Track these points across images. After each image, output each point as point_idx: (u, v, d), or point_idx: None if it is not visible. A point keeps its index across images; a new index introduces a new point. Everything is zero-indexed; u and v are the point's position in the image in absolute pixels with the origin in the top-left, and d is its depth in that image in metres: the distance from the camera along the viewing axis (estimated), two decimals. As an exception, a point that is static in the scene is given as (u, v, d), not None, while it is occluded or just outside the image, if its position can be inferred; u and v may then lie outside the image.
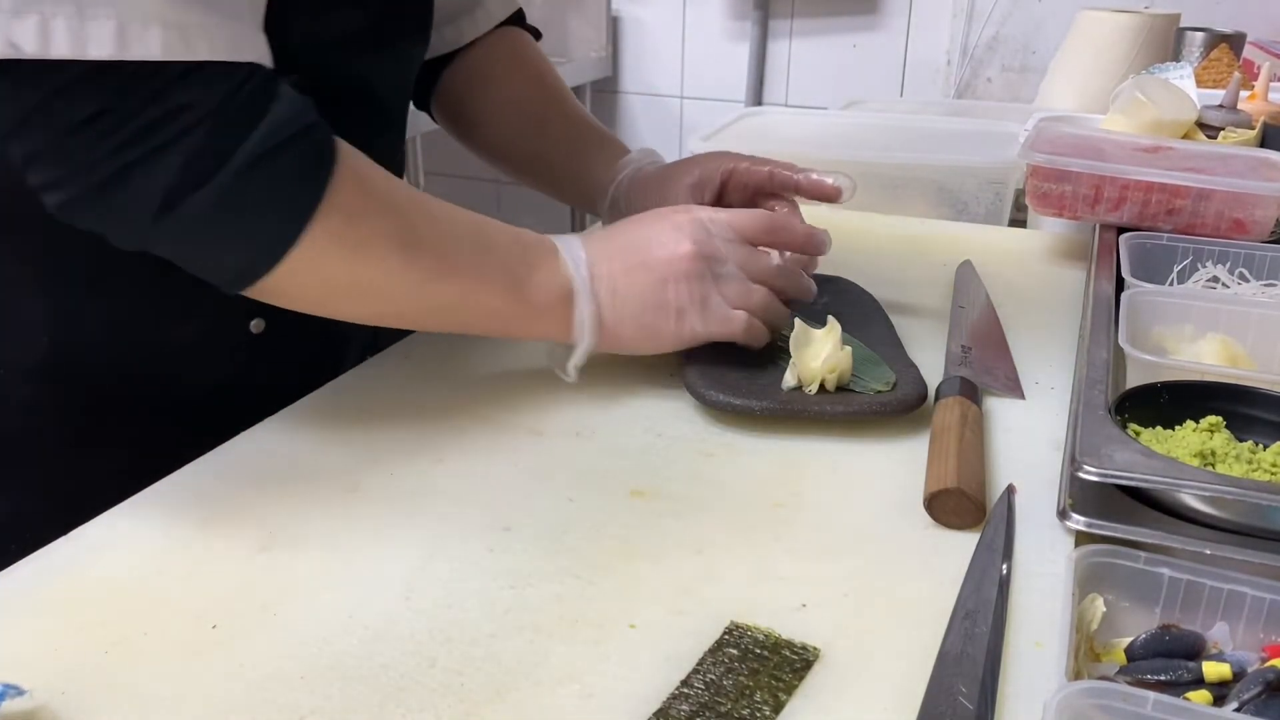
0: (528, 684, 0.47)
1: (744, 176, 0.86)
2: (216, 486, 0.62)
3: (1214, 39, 1.64)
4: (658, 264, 0.69)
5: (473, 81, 0.94)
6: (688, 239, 0.70)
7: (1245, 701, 0.44)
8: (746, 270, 0.72)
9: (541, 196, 1.02)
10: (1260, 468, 0.57)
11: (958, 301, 0.89)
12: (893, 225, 1.13)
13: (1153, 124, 1.08)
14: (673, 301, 0.70)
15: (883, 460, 0.66)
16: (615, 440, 0.68)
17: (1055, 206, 0.96)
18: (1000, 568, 0.54)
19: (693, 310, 0.70)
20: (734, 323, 0.71)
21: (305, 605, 0.52)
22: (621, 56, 2.59)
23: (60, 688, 0.46)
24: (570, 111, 0.95)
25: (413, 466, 0.65)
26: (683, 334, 0.71)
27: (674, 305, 0.70)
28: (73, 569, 0.55)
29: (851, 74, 2.38)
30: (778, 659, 0.48)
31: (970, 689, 0.46)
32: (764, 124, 1.42)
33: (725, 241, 0.71)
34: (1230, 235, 0.90)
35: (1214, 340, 0.73)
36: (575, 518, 0.60)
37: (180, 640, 0.49)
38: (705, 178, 0.85)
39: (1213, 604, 0.49)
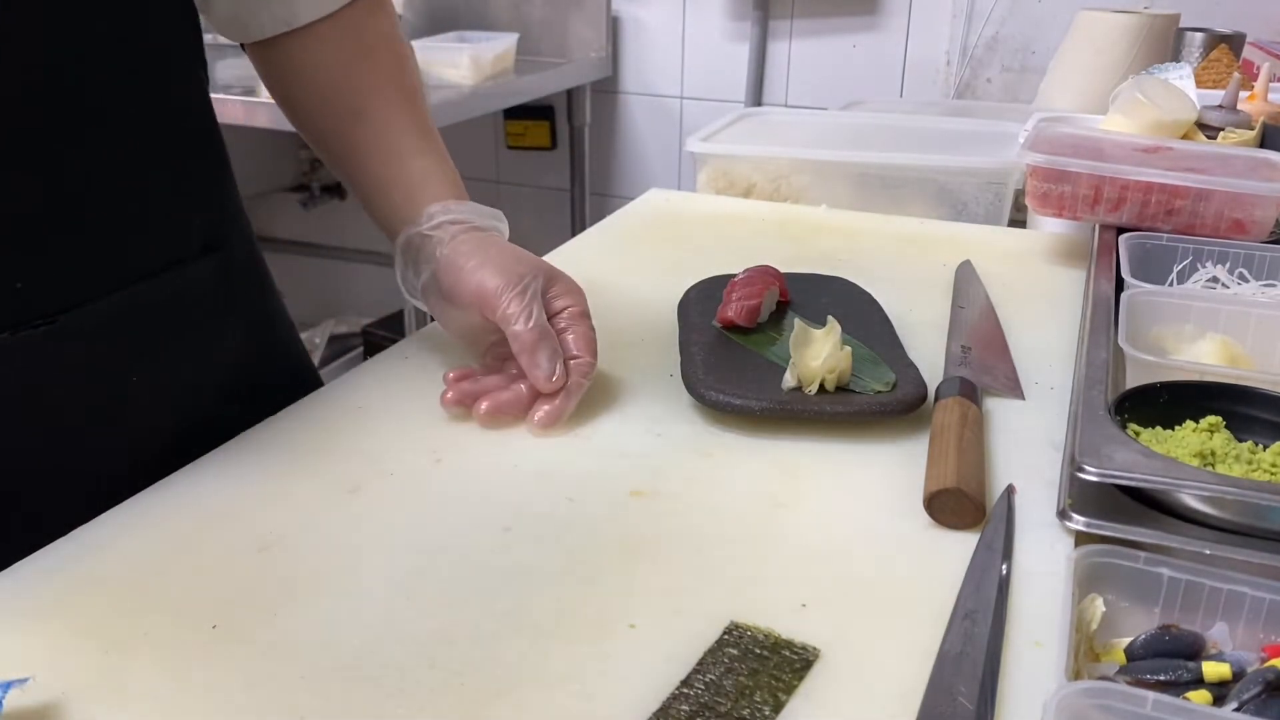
0: (528, 684, 0.47)
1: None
2: (216, 486, 0.62)
3: (1213, 39, 1.64)
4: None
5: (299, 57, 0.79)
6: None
7: (1245, 701, 0.44)
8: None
9: (542, 197, 0.99)
10: (1260, 468, 0.57)
11: (958, 301, 0.89)
12: (893, 225, 1.13)
13: (1152, 124, 1.08)
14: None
15: (883, 460, 0.66)
16: (615, 440, 0.68)
17: (1055, 207, 0.96)
18: (1000, 568, 0.54)
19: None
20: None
21: (305, 605, 0.52)
22: (621, 57, 2.59)
23: (60, 688, 0.46)
24: (389, 114, 0.79)
25: (413, 466, 0.65)
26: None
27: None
28: (73, 569, 0.55)
29: (851, 74, 2.38)
30: (778, 659, 0.48)
31: (970, 689, 0.46)
32: (764, 124, 1.43)
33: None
34: (1230, 235, 0.90)
35: (1214, 340, 0.73)
36: (575, 518, 0.60)
37: (180, 640, 0.49)
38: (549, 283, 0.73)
39: (1212, 604, 0.49)
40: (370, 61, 0.79)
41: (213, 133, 0.76)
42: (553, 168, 2.69)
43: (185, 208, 0.71)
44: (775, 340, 0.77)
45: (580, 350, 0.71)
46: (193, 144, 0.73)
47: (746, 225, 1.12)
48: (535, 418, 0.69)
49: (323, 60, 0.78)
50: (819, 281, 0.89)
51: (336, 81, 0.78)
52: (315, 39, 0.77)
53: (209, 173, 0.75)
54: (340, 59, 0.78)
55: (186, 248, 0.71)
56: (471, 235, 0.73)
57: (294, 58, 0.78)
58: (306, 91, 0.79)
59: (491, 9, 2.57)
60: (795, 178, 1.24)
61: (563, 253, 1.04)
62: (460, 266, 0.71)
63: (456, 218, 0.74)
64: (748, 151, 1.27)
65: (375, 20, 0.79)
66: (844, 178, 1.24)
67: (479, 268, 0.70)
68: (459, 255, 0.71)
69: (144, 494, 0.61)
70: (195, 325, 0.72)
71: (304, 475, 0.64)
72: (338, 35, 0.77)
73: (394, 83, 0.79)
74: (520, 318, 0.68)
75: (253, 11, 0.75)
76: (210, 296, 0.73)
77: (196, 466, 0.64)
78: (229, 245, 0.75)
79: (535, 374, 0.68)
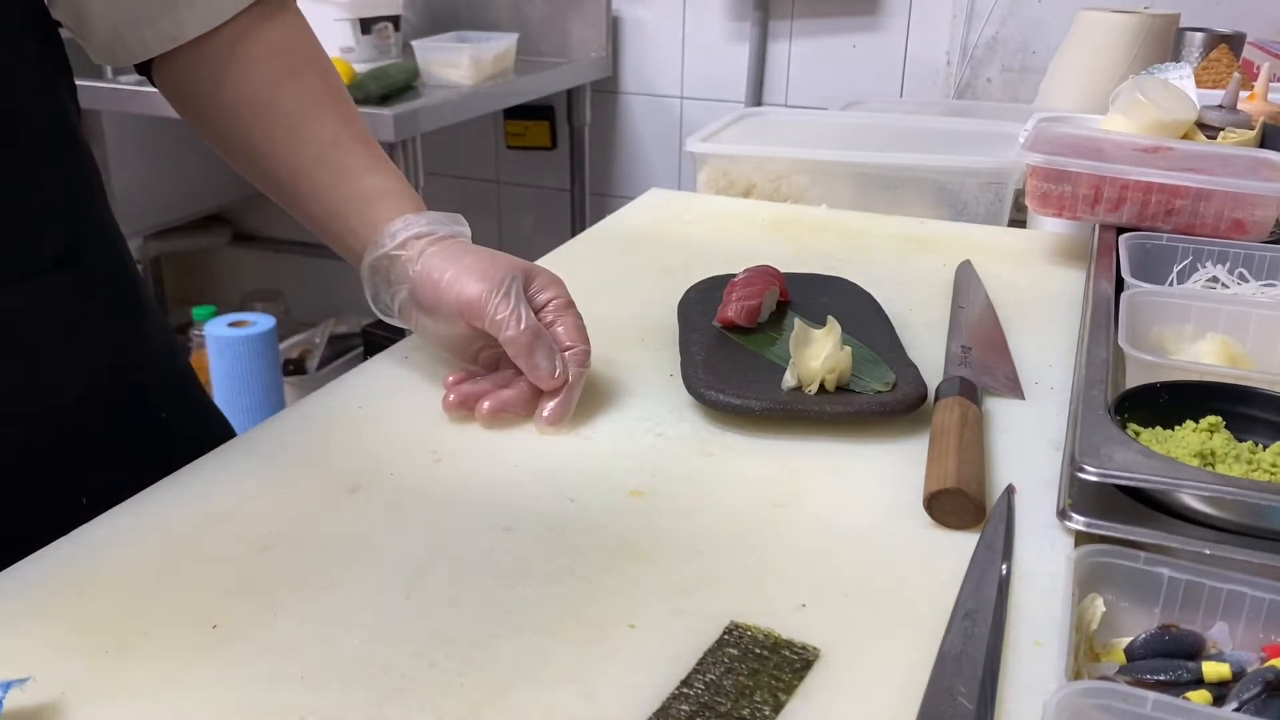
0: (528, 684, 0.47)
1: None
2: (217, 486, 0.62)
3: (1213, 39, 1.64)
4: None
5: (204, 74, 0.75)
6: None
7: (1245, 701, 0.44)
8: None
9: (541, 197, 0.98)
10: (1260, 468, 0.57)
11: (958, 301, 0.89)
12: (893, 225, 1.13)
13: (1152, 124, 1.08)
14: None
15: (883, 460, 0.66)
16: (615, 440, 0.68)
17: (1055, 207, 0.96)
18: (1000, 568, 0.54)
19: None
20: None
21: (305, 605, 0.52)
22: (621, 57, 2.59)
23: (60, 688, 0.46)
24: (328, 132, 0.76)
25: (413, 466, 0.65)
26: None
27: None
28: (73, 569, 0.55)
29: (851, 74, 2.38)
30: (777, 659, 0.48)
31: (970, 689, 0.46)
32: (764, 124, 1.43)
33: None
34: (1230, 235, 0.90)
35: (1214, 340, 0.73)
36: (575, 518, 0.60)
37: (180, 640, 0.49)
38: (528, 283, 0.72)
39: (1212, 604, 0.49)
40: (298, 80, 0.76)
41: (73, 144, 0.72)
42: (553, 168, 2.69)
43: (36, 221, 0.68)
44: (775, 340, 0.77)
45: (573, 340, 0.71)
46: (47, 156, 0.70)
47: (746, 225, 1.12)
48: (543, 415, 0.69)
49: (241, 78, 0.74)
50: (819, 281, 0.89)
51: (266, 100, 0.75)
52: (220, 56, 0.73)
53: (66, 186, 0.72)
54: (265, 81, 0.75)
55: (36, 262, 0.68)
56: (440, 246, 0.72)
57: (199, 79, 0.75)
58: (224, 113, 0.76)
59: (491, 9, 2.57)
60: (795, 178, 1.24)
61: (563, 253, 1.04)
62: (437, 281, 0.70)
63: (420, 231, 0.72)
64: (748, 151, 1.27)
65: (284, 32, 0.76)
66: (844, 178, 1.24)
67: (456, 279, 0.70)
68: (433, 270, 0.70)
69: (144, 494, 0.61)
70: (44, 341, 0.69)
71: (304, 475, 0.64)
72: (260, 51, 0.74)
73: (326, 97, 0.76)
74: (510, 322, 0.68)
75: (134, 27, 0.72)
76: (65, 310, 0.70)
77: (196, 466, 0.64)
78: (89, 260, 0.72)
79: (536, 375, 0.68)
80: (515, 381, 0.71)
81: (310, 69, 0.77)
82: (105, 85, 2.13)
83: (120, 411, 0.74)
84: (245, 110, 0.75)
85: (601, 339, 0.72)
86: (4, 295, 0.66)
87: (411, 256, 0.71)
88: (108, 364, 0.74)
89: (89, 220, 0.74)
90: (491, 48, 2.27)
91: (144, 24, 0.72)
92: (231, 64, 0.74)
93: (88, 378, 0.72)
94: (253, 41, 0.74)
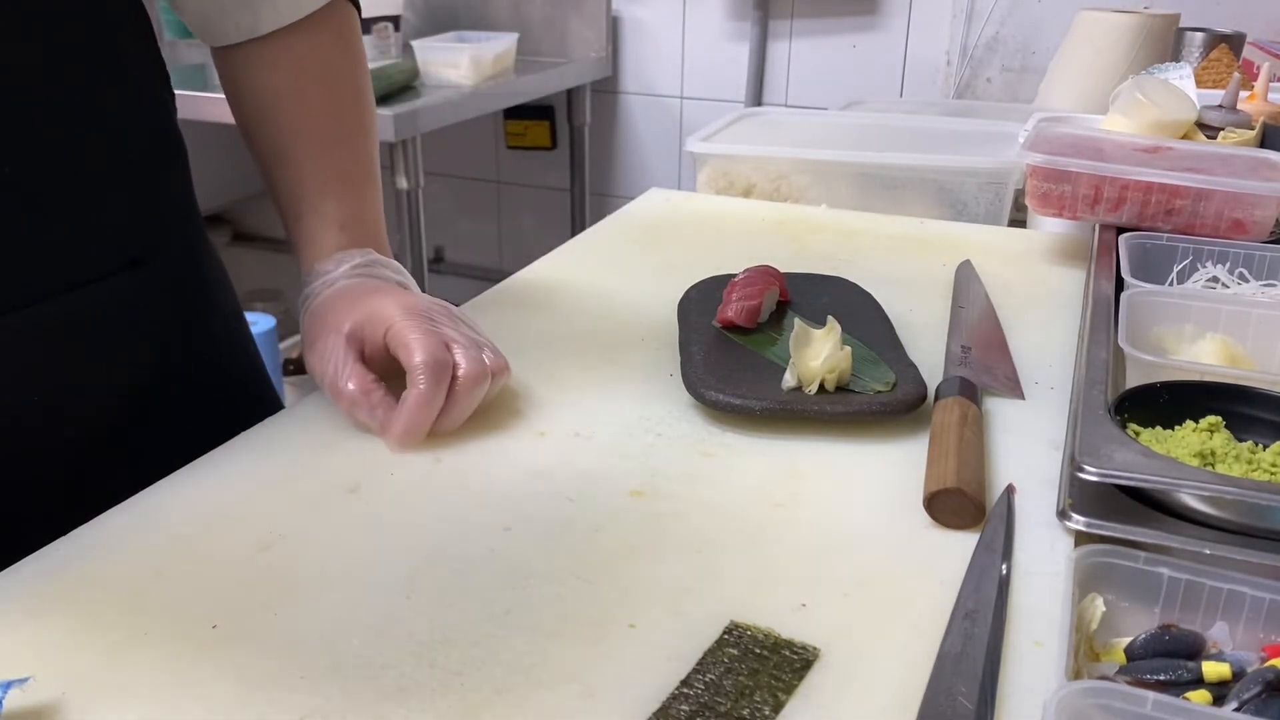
0: (528, 684, 0.47)
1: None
2: (216, 486, 0.62)
3: (1213, 39, 1.64)
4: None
5: (231, 74, 0.79)
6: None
7: (1245, 701, 0.44)
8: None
9: (541, 197, 0.99)
10: (1260, 468, 0.57)
11: (958, 301, 0.89)
12: (893, 225, 1.13)
13: (1152, 124, 1.08)
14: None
15: (883, 460, 0.66)
16: (615, 440, 0.68)
17: (1055, 206, 0.96)
18: (1000, 568, 0.54)
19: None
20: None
21: (305, 605, 0.52)
22: (621, 56, 2.59)
23: (60, 688, 0.46)
24: (304, 159, 0.77)
25: (413, 466, 0.65)
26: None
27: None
28: (73, 569, 0.55)
29: (851, 74, 2.38)
30: (777, 659, 0.48)
31: (970, 689, 0.46)
32: (763, 124, 1.43)
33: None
34: (1230, 235, 0.90)
35: (1214, 340, 0.73)
36: (575, 518, 0.60)
37: (180, 640, 0.49)
38: (361, 330, 0.69)
39: (1212, 604, 0.49)
40: (299, 98, 0.77)
41: (171, 148, 0.76)
42: (553, 168, 2.69)
43: (129, 222, 0.71)
44: (775, 340, 0.77)
45: (405, 361, 0.66)
46: (151, 166, 0.73)
47: (746, 225, 1.12)
48: (391, 431, 0.66)
49: (261, 92, 0.77)
50: (819, 281, 0.89)
51: (269, 118, 0.77)
52: (262, 60, 0.76)
53: (165, 189, 0.75)
54: (274, 93, 0.77)
55: (107, 265, 0.70)
56: (317, 307, 0.72)
57: (228, 78, 0.79)
58: (242, 117, 0.79)
59: (491, 9, 2.57)
60: (795, 178, 1.24)
61: (563, 252, 1.04)
62: (307, 349, 0.71)
63: (306, 292, 0.74)
64: (748, 151, 1.27)
65: (322, 51, 0.78)
66: (844, 178, 1.24)
67: (309, 351, 0.71)
68: (305, 333, 0.73)
69: (144, 494, 0.61)
70: (111, 340, 0.70)
71: (304, 475, 0.64)
72: (280, 62, 0.76)
73: (320, 125, 0.77)
74: (337, 398, 0.68)
75: (222, 14, 0.75)
76: (131, 310, 0.71)
77: (196, 466, 0.64)
78: (162, 261, 0.74)
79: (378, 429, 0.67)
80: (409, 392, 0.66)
81: (317, 87, 0.77)
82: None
83: (168, 412, 0.75)
84: (255, 120, 0.78)
85: (601, 339, 0.72)
86: (73, 299, 0.67)
87: (303, 316, 0.74)
88: (171, 365, 0.75)
89: (172, 219, 0.77)
90: (491, 48, 2.27)
91: (227, 15, 0.75)
92: (260, 69, 0.77)
93: (152, 377, 0.74)
94: (281, 50, 0.76)
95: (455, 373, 0.66)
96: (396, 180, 2.05)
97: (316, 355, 0.69)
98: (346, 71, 0.79)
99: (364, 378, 0.67)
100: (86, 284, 0.68)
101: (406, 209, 2.07)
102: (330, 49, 0.78)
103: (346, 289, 0.72)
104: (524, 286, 0.95)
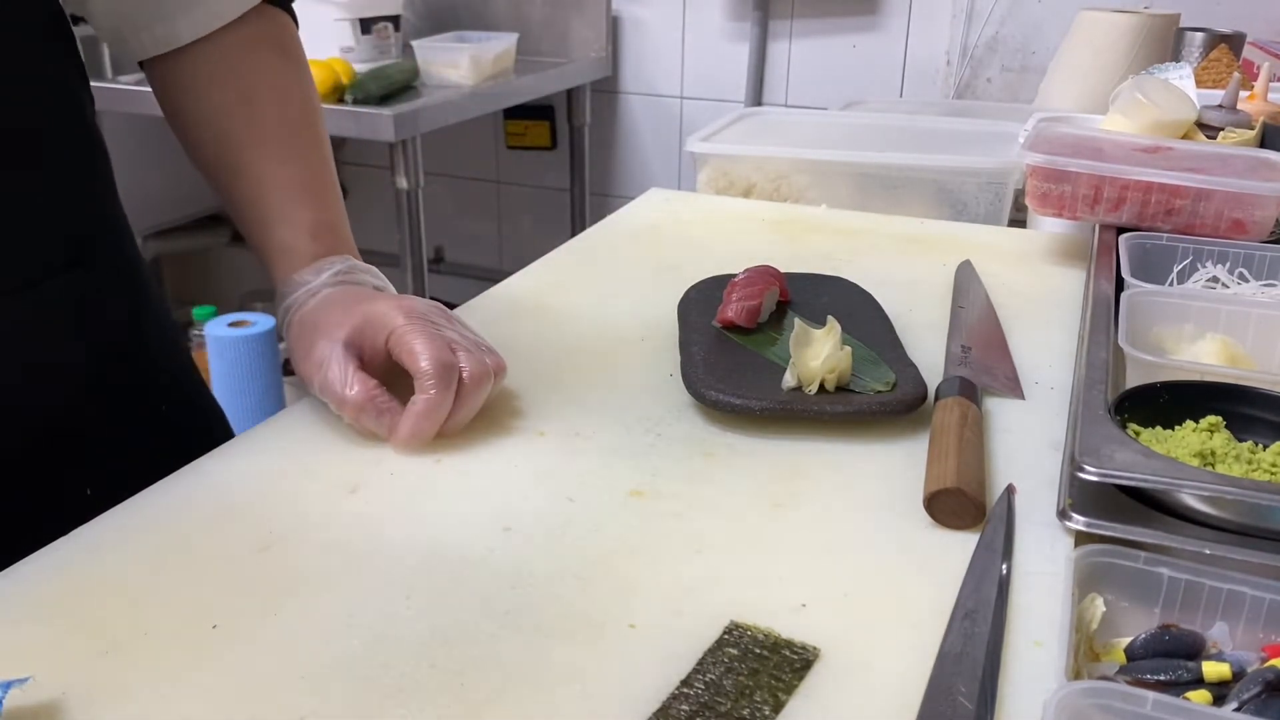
0: (528, 684, 0.47)
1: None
2: (217, 486, 0.62)
3: (1213, 39, 1.64)
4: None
5: (175, 86, 0.78)
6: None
7: (1245, 701, 0.44)
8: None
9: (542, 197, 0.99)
10: (1260, 468, 0.57)
11: (958, 301, 0.89)
12: (893, 225, 1.13)
13: (1152, 124, 1.08)
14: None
15: (883, 460, 0.66)
16: (615, 440, 0.68)
17: (1055, 207, 0.96)
18: (1000, 568, 0.54)
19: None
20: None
21: (305, 605, 0.52)
22: (621, 56, 2.59)
23: (60, 688, 0.46)
24: (265, 170, 0.76)
25: (413, 466, 0.65)
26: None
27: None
28: (73, 569, 0.55)
29: (851, 74, 2.38)
30: (777, 659, 0.48)
31: (970, 689, 0.46)
32: (764, 124, 1.43)
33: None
34: (1230, 235, 0.90)
35: (1214, 340, 0.73)
36: (575, 518, 0.60)
37: (180, 640, 0.49)
38: (360, 336, 0.69)
39: (1212, 604, 0.49)
40: (250, 108, 0.76)
41: (91, 149, 0.74)
42: (553, 168, 2.69)
43: (51, 229, 0.70)
44: (775, 340, 0.77)
45: (411, 366, 0.65)
46: (66, 167, 0.71)
47: (746, 225, 1.12)
48: (397, 434, 0.65)
49: (204, 103, 0.76)
50: (819, 281, 0.89)
51: (217, 131, 0.76)
52: (187, 72, 0.76)
53: (84, 192, 0.73)
54: (222, 104, 0.76)
55: (47, 268, 0.69)
56: (306, 315, 0.71)
57: (170, 90, 0.77)
58: (186, 129, 0.78)
59: (491, 9, 2.57)
60: (795, 178, 1.24)
61: (563, 253, 1.04)
62: (300, 358, 0.70)
63: (289, 302, 0.73)
64: (748, 151, 1.27)
65: (264, 62, 0.77)
66: (844, 178, 1.24)
67: (303, 360, 0.69)
68: (294, 342, 0.71)
69: (144, 494, 0.61)
70: (46, 340, 0.70)
71: (304, 475, 0.64)
72: (219, 74, 0.76)
73: (275, 136, 0.76)
74: (342, 406, 0.66)
75: (135, 28, 0.74)
76: (70, 309, 0.71)
77: (196, 466, 0.64)
78: (98, 260, 0.73)
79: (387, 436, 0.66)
80: (419, 397, 0.66)
81: (267, 96, 0.77)
82: (105, 85, 2.13)
83: (120, 405, 0.75)
84: (203, 131, 0.77)
85: (602, 339, 0.72)
86: (11, 303, 0.66)
87: (287, 325, 0.73)
88: (108, 358, 0.74)
89: (102, 221, 0.75)
90: (491, 48, 2.27)
91: (141, 28, 0.74)
92: (197, 81, 0.76)
93: (88, 372, 0.73)
94: (218, 61, 0.76)
95: (461, 375, 0.66)
96: (396, 180, 2.05)
97: (313, 363, 0.68)
98: (292, 80, 0.78)
99: (367, 383, 0.66)
100: (11, 291, 0.67)
101: (406, 209, 2.07)
102: (272, 59, 0.77)
103: (334, 296, 0.72)
104: (524, 287, 0.95)
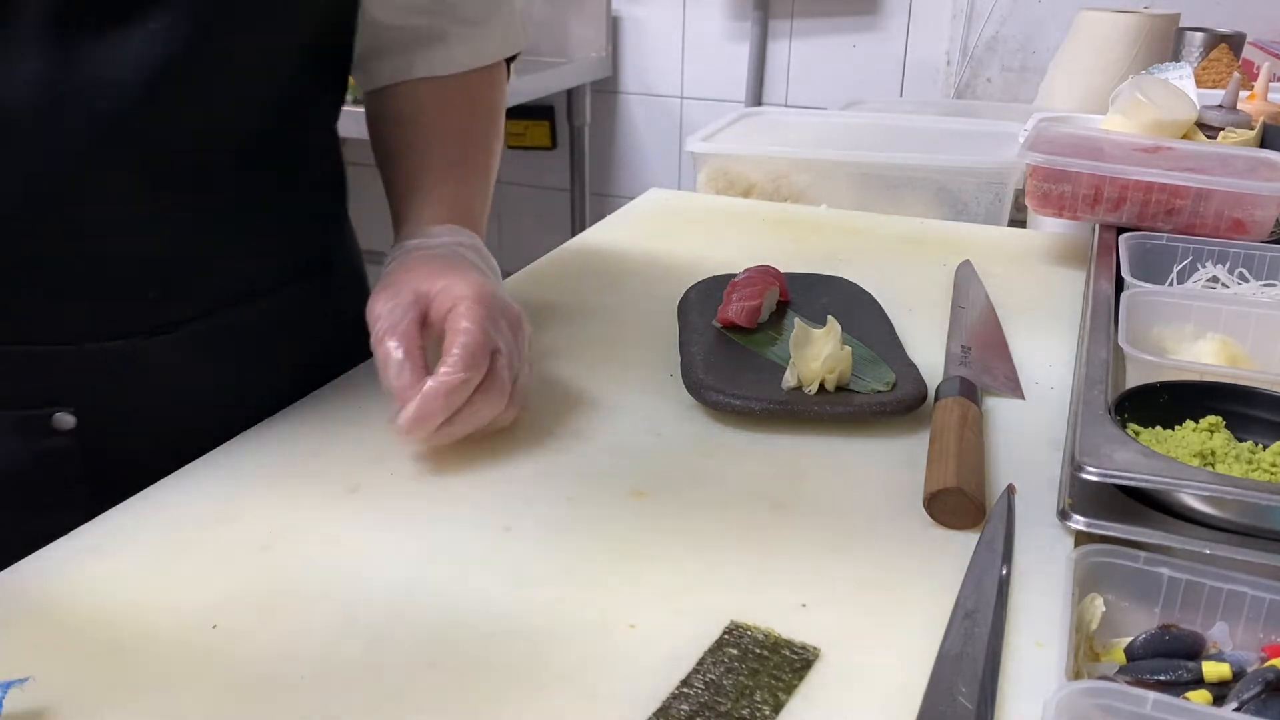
0: (528, 684, 0.47)
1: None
2: (216, 486, 0.62)
3: (1213, 39, 1.65)
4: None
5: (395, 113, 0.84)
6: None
7: (1245, 701, 0.44)
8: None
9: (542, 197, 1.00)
10: (1260, 468, 0.57)
11: (958, 301, 0.89)
12: (893, 225, 1.13)
13: (1152, 124, 1.08)
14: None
15: (883, 460, 0.66)
16: (615, 440, 0.68)
17: (1055, 206, 0.96)
18: (1000, 568, 0.54)
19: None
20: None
21: (305, 605, 0.52)
22: (621, 57, 2.59)
23: (60, 688, 0.46)
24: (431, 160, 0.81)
25: (413, 466, 0.65)
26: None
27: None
28: (73, 569, 0.55)
29: (851, 74, 2.38)
30: (778, 659, 0.48)
31: (970, 689, 0.46)
32: (764, 124, 1.43)
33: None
34: (1230, 235, 0.90)
35: (1214, 340, 0.73)
36: (575, 518, 0.60)
37: (180, 640, 0.49)
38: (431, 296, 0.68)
39: (1212, 604, 0.49)
40: (441, 107, 0.82)
41: (339, 169, 0.83)
42: (553, 168, 2.69)
43: (306, 237, 0.79)
44: (775, 340, 0.77)
45: (447, 354, 0.64)
46: (321, 181, 0.81)
47: (746, 225, 1.12)
48: (398, 420, 0.63)
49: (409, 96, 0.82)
50: (819, 281, 0.89)
51: (405, 118, 0.82)
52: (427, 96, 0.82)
53: (330, 206, 0.82)
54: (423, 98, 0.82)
55: (300, 270, 0.78)
56: (405, 259, 0.72)
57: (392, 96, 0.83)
58: (382, 118, 0.83)
59: (491, 9, 2.57)
60: (795, 177, 1.25)
61: (563, 253, 1.04)
62: (380, 287, 0.70)
63: (409, 245, 0.74)
64: (748, 151, 1.27)
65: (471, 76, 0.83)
66: (844, 178, 1.24)
67: (379, 292, 0.69)
68: (386, 275, 0.72)
69: (144, 494, 0.61)
70: (297, 336, 0.77)
71: (304, 475, 0.64)
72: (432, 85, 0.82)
73: (454, 126, 0.82)
74: (374, 323, 0.67)
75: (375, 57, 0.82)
76: (314, 309, 0.79)
77: (196, 466, 0.64)
78: (337, 266, 0.82)
79: (385, 379, 0.66)
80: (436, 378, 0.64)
81: (459, 98, 0.83)
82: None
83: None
84: (393, 121, 0.83)
85: (602, 339, 0.72)
86: (253, 308, 0.74)
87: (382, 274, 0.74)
88: (336, 358, 0.78)
89: (343, 230, 0.85)
90: (491, 48, 2.27)
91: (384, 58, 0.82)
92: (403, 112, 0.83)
93: (309, 375, 0.77)
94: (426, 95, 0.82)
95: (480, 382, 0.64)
96: (397, 180, 2.05)
97: (383, 300, 0.67)
98: (488, 91, 0.85)
99: (411, 339, 0.65)
100: (239, 301, 0.73)
101: (406, 209, 2.07)
102: (478, 77, 0.84)
103: (438, 255, 0.72)
104: (524, 287, 0.95)
